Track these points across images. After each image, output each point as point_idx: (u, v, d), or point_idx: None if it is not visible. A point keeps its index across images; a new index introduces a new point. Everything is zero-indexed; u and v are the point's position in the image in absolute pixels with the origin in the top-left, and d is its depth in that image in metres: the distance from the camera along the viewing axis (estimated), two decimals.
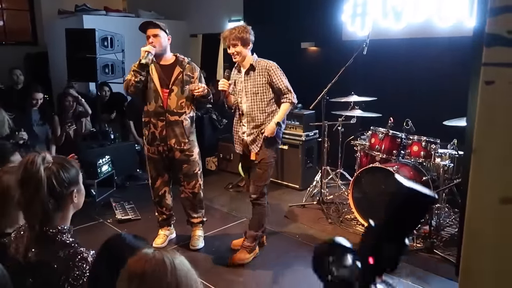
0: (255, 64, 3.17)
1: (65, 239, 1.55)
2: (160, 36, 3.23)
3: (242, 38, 3.08)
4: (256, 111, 3.18)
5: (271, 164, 3.26)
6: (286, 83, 3.16)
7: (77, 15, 6.57)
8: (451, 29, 4.43)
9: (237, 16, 6.87)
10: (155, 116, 3.32)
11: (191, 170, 3.45)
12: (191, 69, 3.35)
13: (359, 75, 4.59)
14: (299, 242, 3.69)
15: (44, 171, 1.46)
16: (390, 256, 0.81)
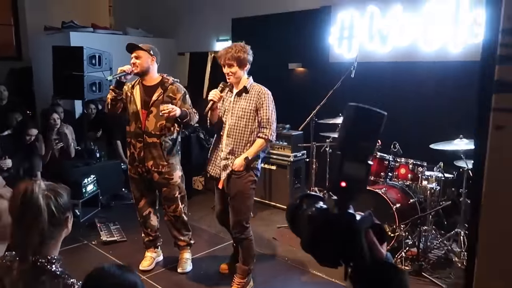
0: (249, 87, 3.01)
1: (54, 270, 1.50)
2: (141, 57, 3.24)
3: (239, 58, 2.92)
4: (237, 136, 3.00)
5: (248, 196, 3.04)
6: (270, 117, 2.97)
7: (64, 31, 6.53)
8: (436, 53, 4.54)
9: (225, 35, 6.93)
10: (134, 137, 3.31)
11: (171, 194, 3.39)
12: (174, 90, 3.28)
13: (346, 97, 4.58)
14: (288, 265, 3.66)
15: (43, 198, 1.44)
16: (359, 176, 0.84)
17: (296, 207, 0.92)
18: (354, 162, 0.85)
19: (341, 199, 0.85)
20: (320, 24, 5.61)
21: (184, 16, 7.56)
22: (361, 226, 0.84)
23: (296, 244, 3.98)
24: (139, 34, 7.26)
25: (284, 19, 6.02)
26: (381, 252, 0.86)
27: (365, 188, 0.88)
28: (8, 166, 3.76)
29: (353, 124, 0.86)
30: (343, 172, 0.84)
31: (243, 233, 3.10)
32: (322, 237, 0.84)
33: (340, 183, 0.84)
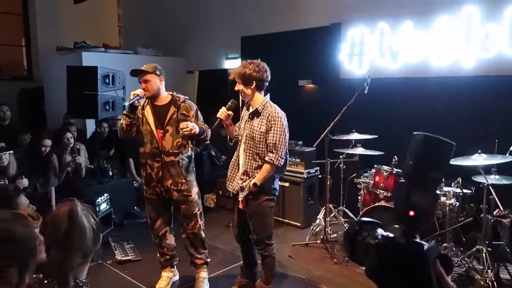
0: (261, 108, 2.92)
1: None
2: (150, 80, 3.23)
3: (242, 74, 2.86)
4: (250, 157, 2.96)
5: (265, 214, 3.00)
6: (278, 141, 2.87)
7: (76, 51, 6.62)
8: (448, 68, 4.56)
9: (235, 53, 7.00)
10: (151, 157, 3.29)
11: (190, 211, 3.38)
12: (186, 107, 3.29)
13: (358, 113, 4.65)
14: (306, 283, 3.61)
15: (85, 218, 1.43)
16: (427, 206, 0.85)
17: (355, 233, 0.91)
18: (423, 192, 0.85)
19: (408, 228, 0.85)
20: (330, 41, 5.65)
21: (193, 34, 7.66)
22: (430, 256, 0.83)
23: (311, 261, 3.95)
24: (150, 53, 7.35)
25: (294, 37, 6.08)
26: (448, 284, 0.85)
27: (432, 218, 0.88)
28: (24, 185, 3.76)
29: (422, 154, 0.87)
30: (411, 202, 0.85)
31: (266, 250, 3.10)
32: (390, 266, 0.82)
33: (408, 212, 0.85)
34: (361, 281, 3.58)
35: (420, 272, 0.81)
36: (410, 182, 0.86)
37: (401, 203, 0.87)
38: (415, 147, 0.88)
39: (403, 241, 0.84)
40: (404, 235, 0.84)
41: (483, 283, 3.33)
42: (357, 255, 0.91)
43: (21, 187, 3.69)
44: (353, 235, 0.92)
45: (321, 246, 4.27)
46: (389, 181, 3.92)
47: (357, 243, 0.90)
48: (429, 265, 0.82)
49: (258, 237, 3.07)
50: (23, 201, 2.46)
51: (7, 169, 3.83)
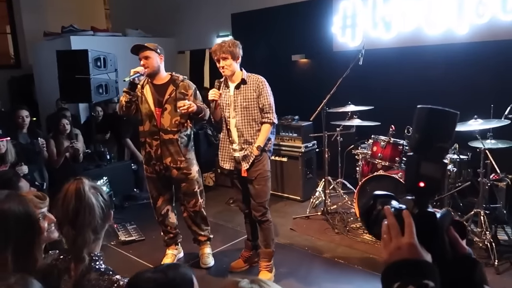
0: (247, 78, 3.14)
1: (99, 267, 1.51)
2: (151, 57, 3.24)
3: (232, 52, 3.04)
4: (247, 126, 3.12)
5: (267, 177, 3.19)
6: (271, 102, 3.13)
7: (64, 36, 6.50)
8: (442, 36, 4.55)
9: (226, 31, 6.91)
10: (149, 135, 3.32)
11: (190, 189, 3.41)
12: (185, 86, 3.32)
13: (353, 85, 4.64)
14: (309, 254, 3.67)
15: (93, 196, 1.45)
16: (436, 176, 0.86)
17: (370, 207, 0.93)
18: (431, 163, 0.86)
19: (420, 199, 0.86)
20: (322, 14, 5.60)
21: (183, 14, 7.54)
22: (443, 224, 0.85)
23: (313, 233, 4.01)
24: (138, 35, 7.24)
25: (285, 12, 6.01)
26: (464, 247, 0.88)
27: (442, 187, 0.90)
28: (24, 172, 3.76)
29: (427, 126, 0.88)
30: (421, 173, 0.86)
31: (265, 215, 3.21)
32: None
33: (418, 183, 0.86)
34: (362, 250, 3.65)
35: (434, 241, 0.84)
36: (418, 154, 0.88)
37: (411, 175, 0.89)
38: (420, 120, 0.90)
39: (416, 211, 0.86)
40: (416, 206, 0.86)
41: (481, 245, 3.41)
42: (374, 229, 0.93)
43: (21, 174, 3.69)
44: (368, 209, 0.94)
45: (322, 218, 4.33)
46: (386, 151, 3.96)
47: (372, 217, 0.93)
48: (443, 233, 0.84)
49: (258, 202, 3.17)
50: (25, 185, 2.45)
51: (5, 156, 3.82)
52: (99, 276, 1.46)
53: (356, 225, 4.05)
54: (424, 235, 0.84)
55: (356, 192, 3.94)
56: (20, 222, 1.42)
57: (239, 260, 3.47)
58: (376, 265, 3.33)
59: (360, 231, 3.96)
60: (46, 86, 6.65)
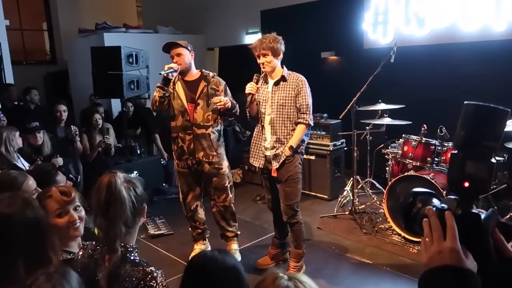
0: (287, 75, 3.08)
1: (134, 258, 1.55)
2: (183, 54, 3.30)
3: (273, 48, 3.00)
4: (281, 124, 3.07)
5: (298, 179, 3.12)
6: (309, 102, 3.06)
7: (98, 33, 6.67)
8: (478, 33, 4.40)
9: (255, 28, 6.92)
10: (182, 130, 3.37)
11: (221, 184, 3.45)
12: (216, 82, 3.38)
13: (384, 83, 4.56)
14: (336, 254, 3.64)
15: (125, 190, 1.48)
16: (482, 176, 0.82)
17: (409, 205, 0.90)
18: (477, 162, 0.82)
19: (464, 199, 0.83)
20: (352, 10, 5.52)
21: (212, 11, 7.59)
22: (488, 226, 0.81)
23: (340, 232, 3.98)
24: (169, 32, 7.35)
25: (314, 8, 5.96)
26: (509, 251, 0.84)
27: (489, 188, 0.85)
28: (60, 164, 3.90)
29: (475, 123, 0.83)
30: (466, 172, 0.82)
31: (295, 217, 3.16)
32: None
33: (463, 183, 0.83)
34: (391, 251, 3.60)
35: (478, 243, 0.80)
36: (463, 152, 0.83)
37: (455, 174, 0.84)
38: (466, 117, 0.85)
39: (459, 212, 0.82)
40: (460, 206, 0.83)
41: None
42: (413, 227, 0.90)
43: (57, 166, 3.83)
44: (407, 207, 0.91)
45: (349, 217, 4.29)
46: (417, 151, 3.87)
47: (412, 215, 0.90)
48: (487, 235, 0.81)
49: (288, 203, 3.12)
50: (62, 178, 2.54)
51: (42, 147, 3.96)
52: (134, 267, 1.50)
53: (385, 226, 3.99)
54: (468, 237, 0.80)
55: (385, 192, 3.87)
56: (27, 226, 1.39)
57: (265, 257, 3.48)
58: (405, 267, 3.28)
59: (389, 232, 3.90)
60: (80, 81, 6.85)
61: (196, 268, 1.39)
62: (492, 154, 0.85)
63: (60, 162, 3.94)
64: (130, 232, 1.55)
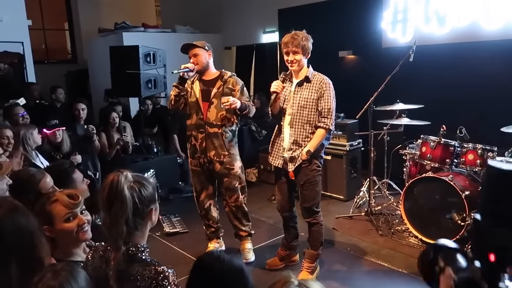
0: (311, 76, 2.99)
1: (145, 258, 1.55)
2: (200, 54, 3.31)
3: (305, 46, 2.91)
4: (300, 126, 2.99)
5: (316, 182, 3.06)
6: (332, 106, 2.96)
7: (117, 32, 6.77)
8: (500, 31, 4.28)
9: (272, 27, 6.90)
10: (195, 128, 3.39)
11: (232, 184, 3.44)
12: (233, 82, 3.36)
13: (403, 82, 4.49)
14: (351, 255, 3.60)
15: (128, 190, 1.47)
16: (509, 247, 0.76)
17: (430, 262, 0.85)
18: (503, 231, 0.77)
19: (490, 272, 0.78)
20: (371, 9, 5.45)
21: (229, 10, 7.60)
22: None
23: (356, 234, 3.93)
24: (187, 31, 7.39)
25: (332, 7, 5.90)
26: None
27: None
28: (78, 161, 3.97)
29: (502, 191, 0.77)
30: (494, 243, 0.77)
31: (315, 218, 3.13)
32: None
33: (489, 255, 0.77)
34: (408, 253, 3.54)
35: None
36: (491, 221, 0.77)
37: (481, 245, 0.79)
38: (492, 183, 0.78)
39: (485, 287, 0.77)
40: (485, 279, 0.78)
41: None
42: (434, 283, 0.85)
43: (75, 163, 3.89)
44: (428, 263, 0.85)
45: (365, 218, 4.24)
46: (436, 152, 3.79)
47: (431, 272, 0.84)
48: None
49: (308, 205, 3.08)
50: (79, 176, 2.57)
51: (61, 145, 4.04)
52: (145, 267, 1.50)
53: (402, 228, 3.92)
54: None
55: (402, 194, 3.81)
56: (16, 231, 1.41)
57: (275, 258, 3.46)
58: None
59: (406, 234, 3.84)
60: (100, 80, 6.96)
61: (203, 268, 1.39)
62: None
63: (79, 159, 4.01)
64: (136, 233, 1.53)
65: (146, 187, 1.57)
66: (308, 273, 3.18)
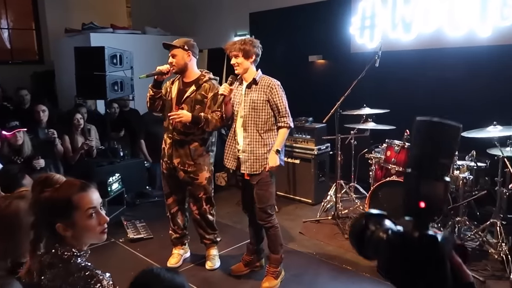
0: (258, 79, 3.04)
1: (79, 262, 1.49)
2: (177, 55, 3.18)
3: (244, 49, 2.97)
4: (252, 127, 3.02)
5: (270, 183, 3.06)
6: (286, 105, 3.04)
7: (84, 33, 6.60)
8: (463, 38, 4.39)
9: (244, 30, 6.88)
10: (166, 132, 3.32)
11: (196, 194, 3.36)
12: (206, 88, 3.21)
13: (370, 87, 4.55)
14: (317, 259, 3.60)
15: None
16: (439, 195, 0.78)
17: (361, 229, 0.85)
18: (432, 181, 0.78)
19: (420, 221, 0.78)
20: (340, 14, 5.50)
21: (201, 13, 7.54)
22: (446, 249, 0.77)
23: (322, 238, 3.93)
24: (157, 33, 7.29)
25: (303, 11, 5.93)
26: (468, 275, 0.79)
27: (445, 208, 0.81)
28: (41, 165, 3.83)
29: (428, 141, 0.79)
30: (421, 192, 0.78)
31: (269, 221, 3.11)
32: (403, 262, 0.77)
33: (418, 204, 0.78)
34: None
35: (436, 267, 0.76)
36: (417, 172, 0.79)
37: (410, 195, 0.80)
38: (419, 134, 0.80)
39: (416, 234, 0.77)
40: (416, 228, 0.78)
41: (497, 257, 3.27)
42: (365, 251, 0.85)
43: (38, 168, 3.76)
44: (360, 230, 0.85)
45: (332, 222, 4.25)
46: (400, 156, 3.84)
47: (365, 238, 0.84)
48: (445, 259, 0.76)
49: (263, 206, 3.07)
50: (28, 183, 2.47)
51: (22, 148, 3.87)
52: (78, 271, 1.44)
53: None
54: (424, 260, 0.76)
55: (367, 197, 3.84)
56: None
57: (240, 264, 3.42)
58: None
59: None
60: (66, 82, 6.76)
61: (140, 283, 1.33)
62: (447, 172, 0.80)
63: (42, 163, 3.87)
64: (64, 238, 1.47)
65: None
66: (273, 278, 3.16)
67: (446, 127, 0.78)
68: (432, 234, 0.77)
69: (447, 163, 0.79)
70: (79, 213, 1.47)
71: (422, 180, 0.78)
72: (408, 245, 0.77)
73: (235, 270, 3.38)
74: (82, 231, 1.49)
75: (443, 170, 0.79)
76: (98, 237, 1.53)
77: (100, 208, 1.55)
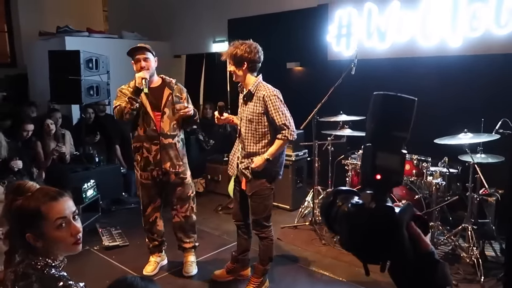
0: (253, 90, 2.89)
1: (53, 273, 1.45)
2: (150, 59, 3.17)
3: (231, 55, 2.84)
4: (250, 139, 2.94)
5: (266, 196, 2.99)
6: (283, 117, 2.85)
7: (59, 36, 6.47)
8: (435, 48, 4.52)
9: (222, 36, 6.89)
10: (148, 140, 3.23)
11: (185, 193, 3.38)
12: (180, 90, 3.32)
13: (346, 94, 4.62)
14: (295, 265, 3.61)
15: None
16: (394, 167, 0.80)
17: (329, 204, 0.86)
18: (388, 153, 0.79)
19: (377, 193, 0.79)
20: (317, 22, 5.58)
21: (180, 18, 7.52)
22: (402, 219, 0.78)
23: (300, 243, 3.96)
24: (134, 38, 7.21)
25: (281, 19, 5.99)
26: (427, 244, 0.80)
27: (401, 180, 0.82)
28: (19, 167, 3.74)
29: (383, 113, 0.81)
30: (377, 165, 0.79)
31: (263, 232, 3.09)
32: (362, 234, 0.78)
33: (375, 176, 0.79)
34: (349, 262, 3.59)
35: (393, 236, 0.77)
36: (373, 144, 0.81)
37: (367, 168, 0.81)
38: (375, 108, 0.83)
39: (373, 206, 0.79)
40: (374, 200, 0.80)
41: (468, 261, 3.36)
42: (334, 227, 0.86)
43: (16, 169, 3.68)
44: (328, 206, 0.86)
45: (310, 228, 4.28)
46: None
47: (332, 215, 0.85)
48: (402, 229, 0.78)
49: (256, 217, 3.05)
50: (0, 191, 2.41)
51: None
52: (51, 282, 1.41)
53: None
54: (381, 230, 0.77)
55: None
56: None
57: (223, 270, 3.39)
58: (362, 278, 3.28)
59: None
60: (40, 86, 6.60)
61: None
62: (403, 145, 0.82)
63: (20, 165, 3.82)
64: (36, 248, 1.42)
65: None
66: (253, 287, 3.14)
67: (401, 100, 0.81)
68: (388, 205, 0.79)
69: (403, 136, 0.82)
70: (48, 223, 1.41)
71: (377, 153, 0.80)
72: (365, 216, 0.78)
73: (217, 275, 3.37)
74: (52, 242, 1.43)
75: (399, 143, 0.81)
76: (71, 248, 1.48)
77: (74, 217, 1.50)
